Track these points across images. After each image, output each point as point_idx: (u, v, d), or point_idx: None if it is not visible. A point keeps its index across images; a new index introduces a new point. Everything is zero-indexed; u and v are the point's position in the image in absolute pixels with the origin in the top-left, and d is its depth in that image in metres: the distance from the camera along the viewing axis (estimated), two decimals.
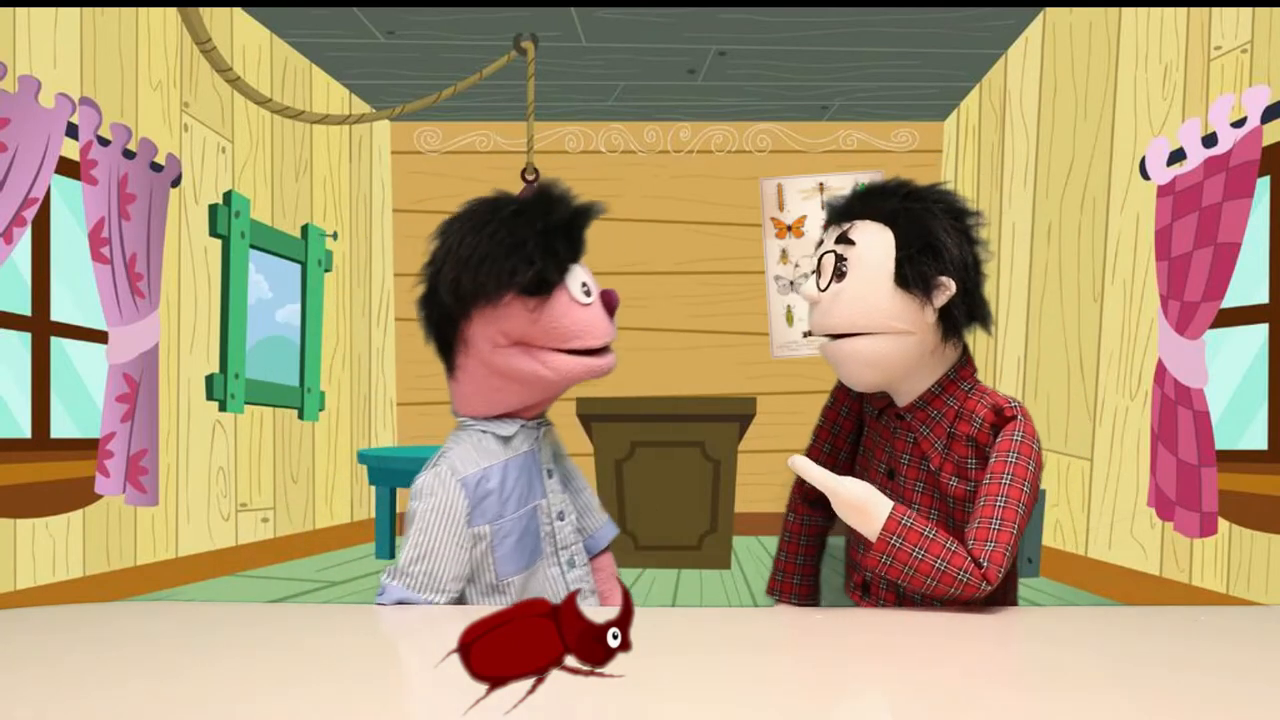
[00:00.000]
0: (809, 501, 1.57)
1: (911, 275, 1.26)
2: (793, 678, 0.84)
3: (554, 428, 1.51)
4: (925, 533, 1.16)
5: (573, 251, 1.36)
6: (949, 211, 1.30)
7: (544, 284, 1.30)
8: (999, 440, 1.27)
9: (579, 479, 1.56)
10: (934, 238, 1.27)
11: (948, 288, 1.27)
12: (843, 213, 1.33)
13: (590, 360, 1.36)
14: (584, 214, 1.39)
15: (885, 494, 1.32)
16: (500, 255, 1.29)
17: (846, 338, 1.30)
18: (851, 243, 1.29)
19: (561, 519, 1.42)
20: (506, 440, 1.38)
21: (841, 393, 1.50)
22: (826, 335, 1.32)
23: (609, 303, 1.38)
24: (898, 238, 1.28)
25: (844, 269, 1.29)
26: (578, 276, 1.36)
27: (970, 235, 1.31)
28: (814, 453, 1.52)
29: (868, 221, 1.30)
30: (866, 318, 1.28)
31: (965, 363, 1.36)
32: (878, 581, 1.36)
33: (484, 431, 1.37)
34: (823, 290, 1.31)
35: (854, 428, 1.50)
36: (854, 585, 1.40)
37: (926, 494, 1.33)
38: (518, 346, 1.33)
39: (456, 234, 1.34)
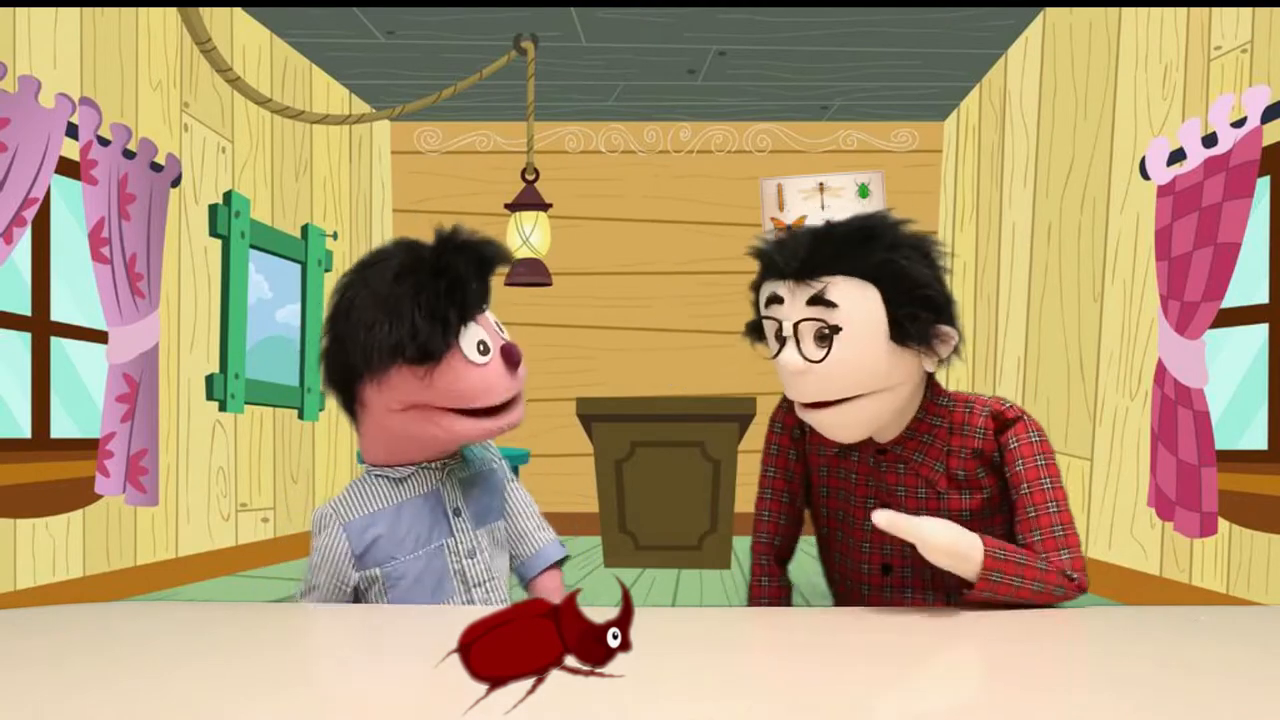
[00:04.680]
0: (775, 577, 1.48)
1: (914, 332, 1.19)
2: (793, 678, 0.84)
3: (479, 462, 1.47)
4: (1017, 560, 1.14)
5: (466, 310, 1.30)
6: (918, 248, 1.23)
7: (431, 352, 1.26)
8: (1015, 445, 1.26)
9: (518, 502, 1.52)
10: (929, 288, 1.20)
11: (950, 337, 1.22)
12: (803, 268, 1.19)
13: (487, 423, 1.34)
14: (482, 268, 1.33)
15: (878, 530, 1.30)
16: (383, 328, 1.25)
17: (838, 404, 1.22)
18: (833, 304, 1.18)
19: (472, 557, 1.39)
20: (399, 483, 1.37)
21: (784, 437, 1.44)
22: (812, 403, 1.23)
23: (509, 357, 1.33)
24: (887, 294, 1.18)
25: (828, 333, 1.18)
26: (473, 335, 1.31)
27: (939, 265, 1.24)
28: (773, 505, 1.45)
29: (840, 278, 1.18)
30: (866, 382, 1.20)
31: (932, 377, 1.32)
32: (901, 563, 1.34)
33: (378, 476, 1.38)
34: (816, 360, 1.18)
35: (803, 470, 1.45)
36: (871, 569, 1.37)
37: None
38: (413, 410, 1.31)
39: (345, 302, 1.30)
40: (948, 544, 1.09)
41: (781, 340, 1.22)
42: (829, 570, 1.49)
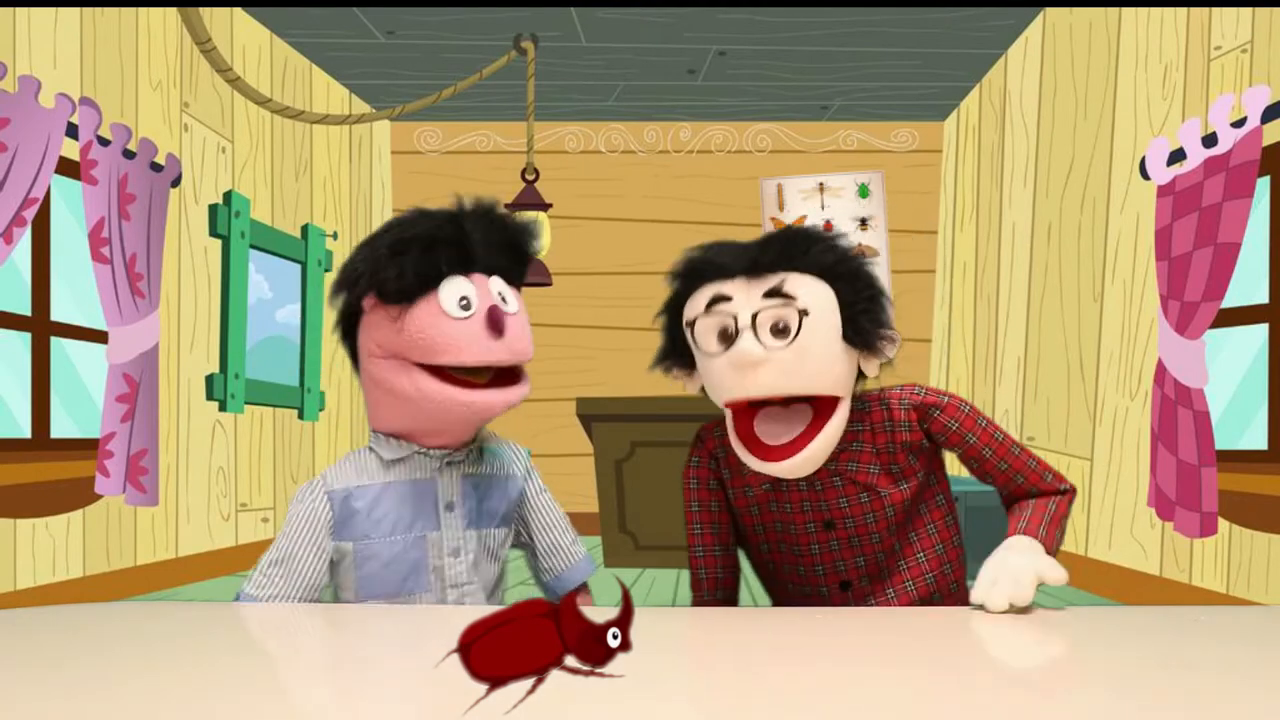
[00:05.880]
0: (725, 592, 1.44)
1: (867, 330, 1.20)
2: (793, 678, 0.84)
3: (499, 464, 1.41)
4: (1045, 516, 1.24)
5: (463, 262, 1.26)
6: (857, 257, 1.25)
7: (403, 291, 1.23)
8: (956, 425, 1.29)
9: (548, 515, 1.46)
10: (879, 290, 1.23)
11: (895, 339, 1.24)
12: (756, 264, 1.19)
13: (460, 393, 1.26)
14: (494, 231, 1.29)
15: (829, 549, 1.33)
16: (371, 260, 1.25)
17: (802, 446, 1.18)
18: (791, 296, 1.17)
19: (455, 555, 1.33)
20: (391, 464, 1.34)
21: (702, 490, 1.41)
22: (766, 397, 1.20)
23: (492, 319, 1.24)
24: (842, 292, 1.20)
25: (786, 325, 1.17)
26: (459, 288, 1.25)
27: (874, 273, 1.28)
28: (709, 560, 1.41)
29: (795, 273, 1.19)
30: (823, 379, 1.19)
31: None
32: (859, 576, 1.35)
33: (371, 449, 1.35)
34: (777, 349, 1.17)
35: (730, 515, 1.42)
36: (829, 589, 1.36)
37: (878, 522, 1.32)
38: (393, 359, 1.27)
39: (357, 249, 1.31)
40: (1035, 579, 1.12)
41: (730, 337, 1.20)
42: (778, 595, 1.45)
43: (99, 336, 3.59)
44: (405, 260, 1.23)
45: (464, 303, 1.25)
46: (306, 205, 5.11)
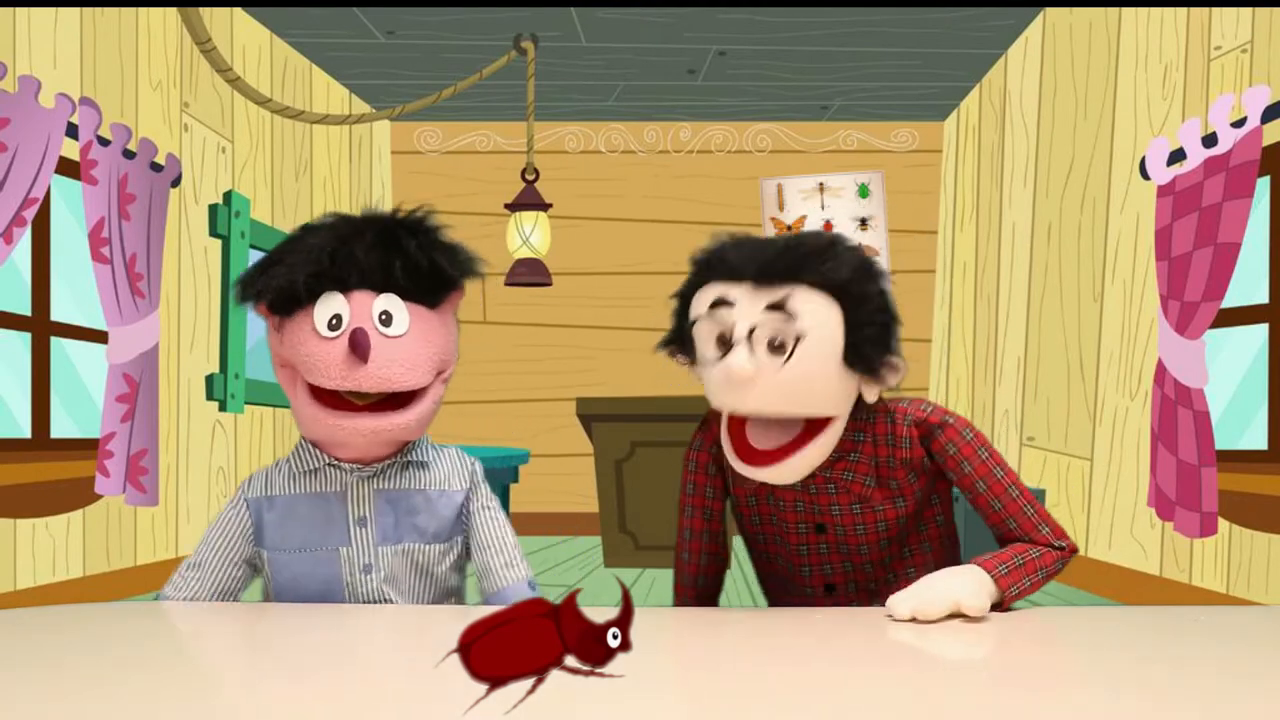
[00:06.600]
0: (707, 580, 1.43)
1: (870, 356, 1.16)
2: (792, 678, 0.84)
3: (435, 480, 1.35)
4: (1017, 563, 1.16)
5: (342, 280, 1.22)
6: (876, 273, 1.20)
7: (274, 304, 1.22)
8: (955, 450, 1.24)
9: (482, 535, 1.35)
10: (890, 316, 1.18)
11: (899, 368, 1.19)
12: (764, 272, 1.15)
13: (328, 414, 1.21)
14: (386, 246, 1.24)
15: (818, 551, 1.31)
16: (256, 268, 1.24)
17: (790, 454, 1.16)
18: (792, 314, 1.13)
19: (366, 573, 1.29)
20: (305, 475, 1.31)
21: (700, 474, 1.39)
22: (751, 414, 1.18)
23: (353, 343, 1.17)
24: (849, 313, 1.15)
25: (782, 342, 1.13)
26: (334, 307, 1.21)
27: (890, 293, 1.21)
28: (694, 545, 1.39)
29: (804, 288, 1.14)
30: (812, 402, 1.15)
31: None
32: (844, 580, 1.34)
33: (290, 458, 1.33)
34: (768, 368, 1.13)
35: (723, 506, 1.40)
36: (814, 590, 1.36)
37: (869, 534, 1.31)
38: (285, 368, 1.27)
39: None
40: (969, 607, 1.08)
41: (725, 345, 1.17)
42: (771, 591, 1.46)
43: (99, 336, 3.59)
44: (281, 272, 1.21)
45: (334, 322, 1.21)
46: (306, 205, 5.11)
